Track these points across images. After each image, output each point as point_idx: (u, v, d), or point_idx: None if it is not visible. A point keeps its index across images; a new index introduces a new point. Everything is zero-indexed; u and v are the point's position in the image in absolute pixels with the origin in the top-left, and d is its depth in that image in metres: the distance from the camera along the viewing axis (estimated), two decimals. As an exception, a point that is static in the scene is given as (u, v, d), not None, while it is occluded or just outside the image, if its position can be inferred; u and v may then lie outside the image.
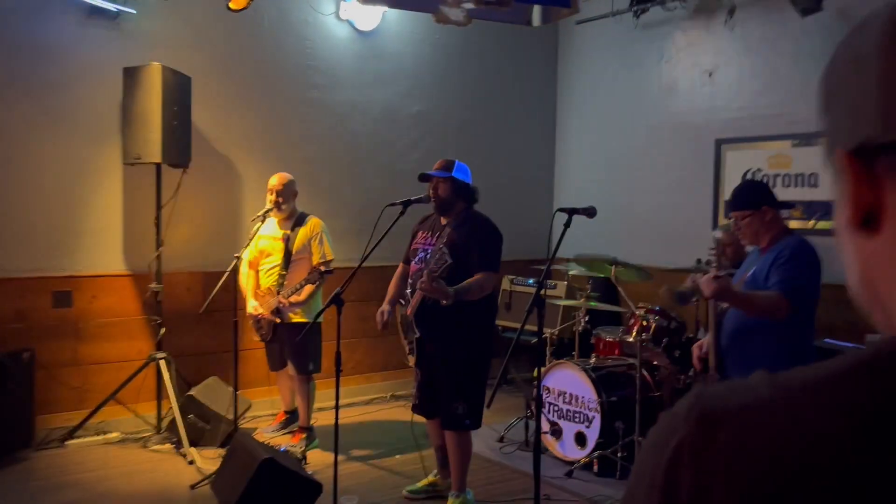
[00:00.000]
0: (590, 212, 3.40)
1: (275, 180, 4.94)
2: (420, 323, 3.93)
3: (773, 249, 3.33)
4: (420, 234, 4.13)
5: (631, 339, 4.83)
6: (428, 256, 3.91)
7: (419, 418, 4.28)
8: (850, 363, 0.54)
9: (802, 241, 3.35)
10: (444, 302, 3.70)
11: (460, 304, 3.75)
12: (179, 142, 5.00)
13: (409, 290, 4.03)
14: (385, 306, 4.14)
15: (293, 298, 4.83)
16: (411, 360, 4.09)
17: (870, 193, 0.57)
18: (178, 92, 4.98)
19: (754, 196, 3.46)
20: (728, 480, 0.53)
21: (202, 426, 4.98)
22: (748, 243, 3.57)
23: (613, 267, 4.89)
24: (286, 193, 4.93)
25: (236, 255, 4.70)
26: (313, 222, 5.00)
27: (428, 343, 3.96)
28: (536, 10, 4.80)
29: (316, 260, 4.92)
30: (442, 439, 4.20)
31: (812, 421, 0.52)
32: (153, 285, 5.13)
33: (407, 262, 4.23)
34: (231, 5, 5.01)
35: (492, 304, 4.03)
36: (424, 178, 4.03)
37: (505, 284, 6.58)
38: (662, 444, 0.57)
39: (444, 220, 4.04)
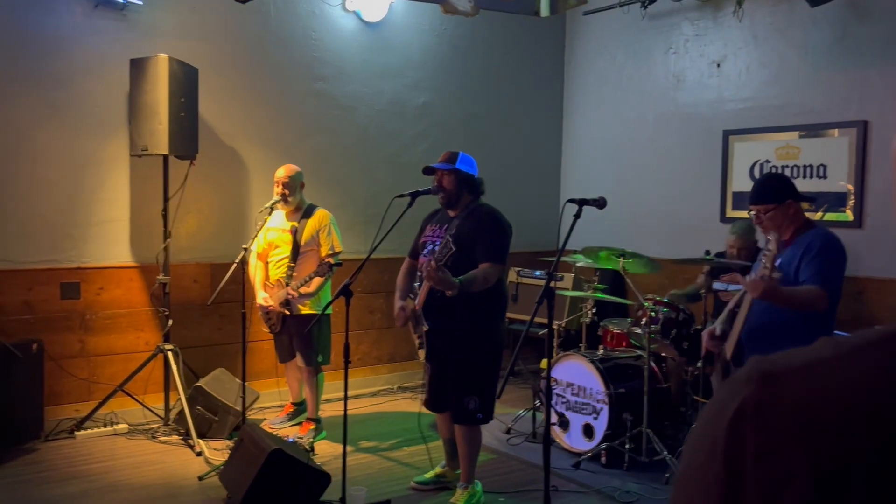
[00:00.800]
0: (600, 202, 3.39)
1: (282, 172, 4.93)
2: (429, 315, 3.91)
3: (799, 241, 3.34)
4: (429, 227, 4.11)
5: (639, 331, 4.83)
6: (436, 248, 3.90)
7: (428, 412, 4.27)
8: None
9: (830, 234, 3.36)
10: (449, 293, 3.68)
11: (469, 297, 3.73)
12: (186, 133, 4.99)
13: (416, 284, 4.01)
14: (400, 302, 4.10)
15: (303, 290, 4.83)
16: (422, 355, 4.06)
17: None
18: (185, 83, 4.98)
19: (778, 189, 3.45)
20: (798, 434, 0.51)
21: (210, 417, 5.00)
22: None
23: (621, 258, 4.88)
24: (293, 185, 4.92)
25: (244, 246, 4.70)
26: (321, 214, 4.99)
27: (437, 336, 3.94)
28: (544, 1, 4.78)
29: (324, 252, 4.92)
30: (451, 433, 4.18)
31: (878, 371, 0.51)
32: (161, 277, 5.14)
33: (413, 256, 4.20)
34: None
35: (502, 297, 3.98)
36: (428, 170, 4.01)
37: (512, 276, 6.57)
38: (723, 407, 0.55)
39: (451, 213, 4.02)
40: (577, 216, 3.24)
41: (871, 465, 0.49)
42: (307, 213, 5.00)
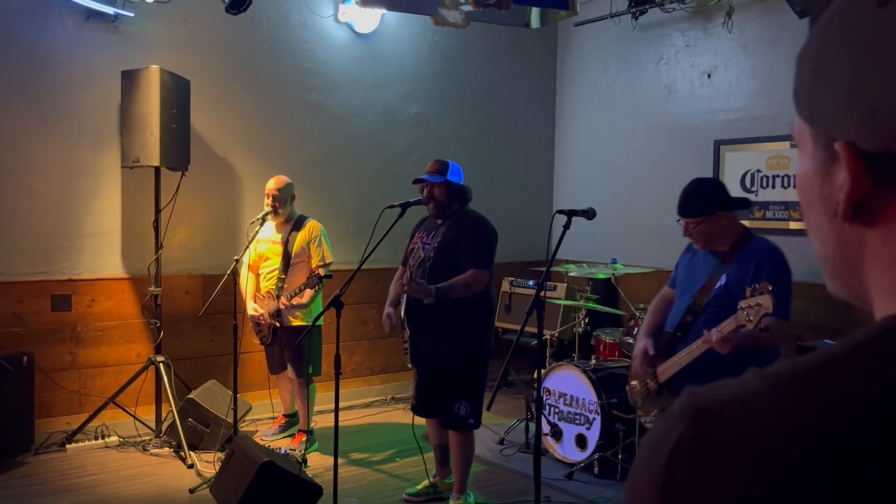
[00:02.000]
0: (589, 213, 3.40)
1: (272, 184, 4.93)
2: (411, 321, 3.94)
3: (743, 257, 3.13)
4: (417, 235, 4.15)
5: (631, 341, 4.83)
6: (423, 253, 3.93)
7: (420, 421, 4.28)
8: (840, 349, 0.55)
9: (775, 250, 3.15)
10: (427, 300, 3.70)
11: (453, 301, 3.76)
12: (178, 145, 4.99)
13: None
14: (388, 309, 4.14)
15: (294, 301, 4.82)
16: (408, 360, 4.10)
17: (866, 185, 0.57)
18: (177, 95, 4.98)
19: (707, 200, 3.21)
20: (722, 471, 0.53)
21: (202, 429, 4.97)
22: (704, 248, 3.29)
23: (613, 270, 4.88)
24: (283, 197, 4.92)
25: (235, 257, 4.69)
26: (312, 225, 4.99)
27: (422, 341, 3.97)
28: (535, 12, 4.80)
29: (315, 263, 4.92)
30: (442, 438, 4.20)
31: (803, 408, 0.53)
32: (152, 288, 5.13)
33: (405, 264, 4.23)
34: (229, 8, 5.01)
35: (487, 302, 4.00)
36: (419, 182, 4.03)
37: (505, 286, 6.58)
38: (660, 444, 0.57)
39: (439, 222, 4.05)
40: (567, 227, 3.25)
41: (793, 494, 0.50)
42: (298, 224, 5.00)
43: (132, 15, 5.19)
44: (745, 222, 5.73)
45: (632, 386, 3.54)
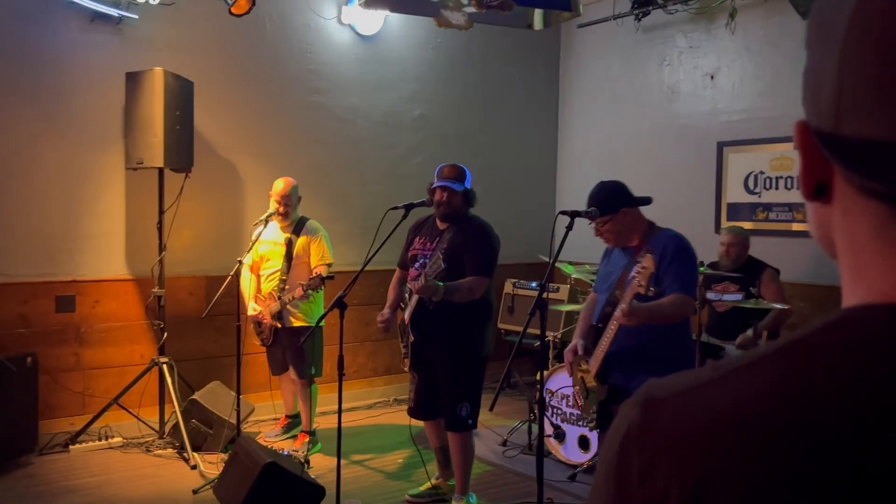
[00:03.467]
0: (592, 215, 3.40)
1: (281, 186, 4.91)
2: (416, 327, 3.96)
3: (650, 247, 3.24)
4: (417, 239, 4.14)
5: (634, 342, 4.82)
6: (427, 262, 3.92)
7: (417, 422, 4.29)
8: (784, 342, 0.57)
9: (678, 236, 3.34)
10: (434, 298, 3.73)
11: (455, 307, 3.78)
12: (182, 146, 5.01)
13: (406, 295, 4.05)
14: (386, 311, 4.16)
15: (286, 297, 4.81)
16: (406, 364, 4.11)
17: (822, 169, 0.59)
18: (181, 96, 4.99)
19: (611, 199, 3.40)
20: (669, 455, 0.55)
21: (205, 431, 4.98)
22: (614, 245, 3.47)
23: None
24: (292, 200, 4.93)
25: (239, 259, 4.70)
26: (313, 226, 5.00)
27: (425, 346, 3.98)
28: (537, 14, 4.80)
29: (314, 263, 4.92)
30: (442, 440, 4.21)
31: (745, 396, 0.55)
32: (156, 290, 5.14)
33: (403, 266, 4.24)
34: (233, 10, 5.03)
35: (487, 306, 4.03)
36: (441, 187, 3.97)
37: (508, 288, 6.58)
38: (615, 433, 0.60)
39: (441, 226, 4.05)
40: (570, 228, 3.25)
41: (733, 479, 0.53)
42: (299, 225, 5.00)
43: (136, 17, 5.20)
44: (750, 224, 5.76)
45: (574, 392, 3.59)
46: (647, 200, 3.56)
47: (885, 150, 0.53)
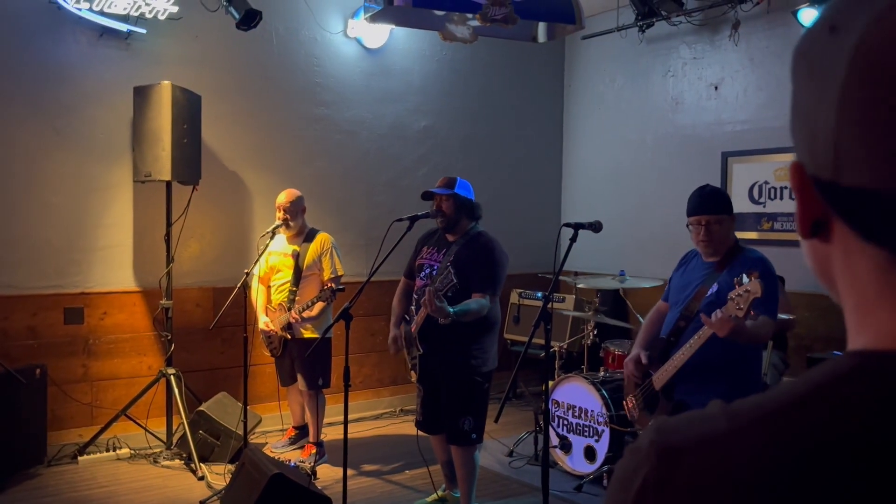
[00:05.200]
0: (595, 226, 3.41)
1: (283, 197, 4.97)
2: (424, 339, 3.96)
3: (734, 266, 3.17)
4: (425, 249, 4.15)
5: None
6: (434, 273, 3.94)
7: (423, 433, 4.29)
8: (801, 390, 0.55)
9: (765, 259, 3.20)
10: (443, 321, 3.73)
11: (461, 323, 3.79)
12: (189, 159, 5.05)
13: (413, 306, 4.05)
14: (393, 331, 4.15)
15: (306, 314, 4.85)
16: (413, 377, 4.11)
17: (819, 208, 0.58)
18: (188, 110, 5.04)
19: (726, 199, 3.31)
20: None
21: (212, 442, 5.00)
22: (707, 253, 3.31)
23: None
24: (294, 210, 4.96)
25: (246, 270, 4.73)
26: (323, 238, 5.03)
27: (432, 359, 3.99)
28: (541, 27, 4.83)
29: (326, 276, 4.95)
30: (447, 454, 4.21)
31: (765, 452, 0.54)
32: (163, 301, 5.17)
33: (409, 276, 4.25)
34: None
35: (493, 321, 4.03)
36: (427, 195, 4.06)
37: (513, 298, 6.60)
38: (628, 480, 0.58)
39: (450, 238, 4.06)
40: (574, 240, 3.27)
41: None
42: (309, 236, 5.03)
43: (144, 32, 5.26)
44: (755, 234, 5.77)
45: (627, 401, 3.57)
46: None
47: (885, 202, 0.52)
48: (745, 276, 2.81)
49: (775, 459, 0.53)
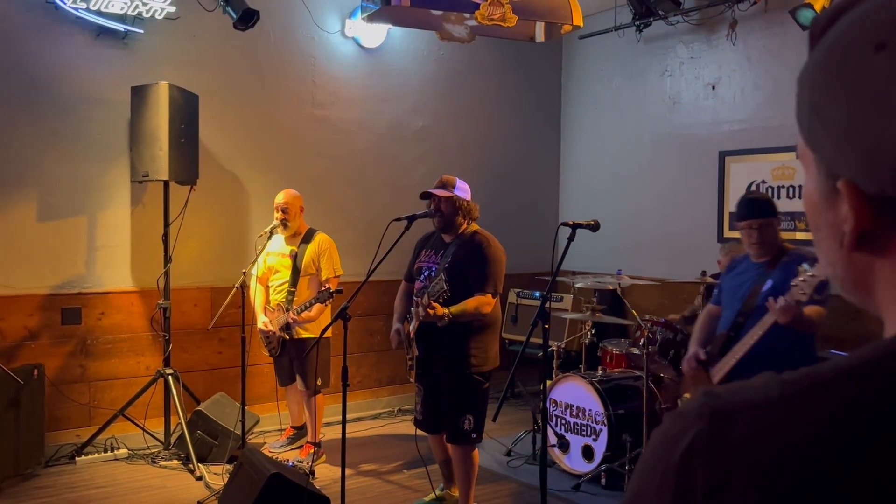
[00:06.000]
0: (593, 226, 3.42)
1: (281, 197, 4.97)
2: (422, 341, 3.96)
3: (786, 264, 3.37)
4: (424, 252, 4.15)
5: (637, 352, 4.84)
6: (433, 274, 3.94)
7: (422, 432, 4.29)
8: (854, 362, 0.56)
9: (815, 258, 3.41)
10: (440, 324, 3.74)
11: (460, 322, 3.79)
12: (187, 159, 5.04)
13: (412, 307, 4.05)
14: (396, 325, 4.16)
15: (304, 315, 4.85)
16: (412, 376, 4.11)
17: (871, 221, 0.58)
18: (186, 110, 5.04)
19: (772, 204, 3.54)
20: (746, 473, 0.54)
21: (210, 442, 5.00)
22: (759, 254, 3.52)
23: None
24: (292, 210, 4.96)
25: (244, 270, 4.73)
26: (321, 238, 5.03)
27: (430, 359, 3.99)
28: (539, 27, 4.84)
29: (325, 276, 4.95)
30: (446, 454, 4.21)
31: (818, 419, 0.54)
32: (161, 301, 5.17)
33: (409, 279, 4.26)
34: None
35: (492, 318, 4.02)
36: (425, 195, 4.06)
37: (511, 297, 6.60)
38: (673, 441, 0.57)
39: (447, 239, 4.06)
40: (571, 239, 3.27)
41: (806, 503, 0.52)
42: (307, 237, 5.03)
43: (142, 31, 5.25)
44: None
45: (684, 399, 3.65)
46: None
47: None
48: (805, 264, 3.01)
49: (828, 425, 0.53)
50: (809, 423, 0.54)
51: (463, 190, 4.04)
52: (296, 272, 4.97)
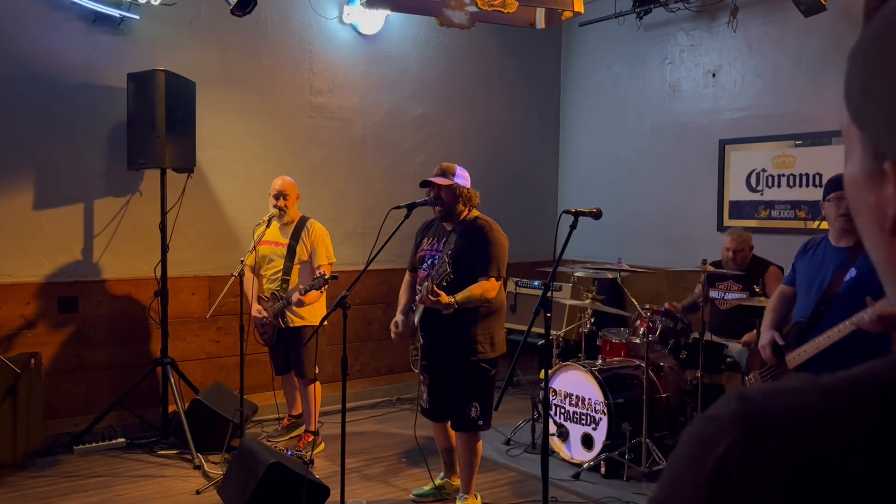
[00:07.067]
0: (595, 214, 3.40)
1: (278, 183, 4.93)
2: (427, 329, 3.94)
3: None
4: (426, 240, 4.13)
5: (637, 341, 4.83)
6: (436, 262, 3.91)
7: (422, 421, 4.28)
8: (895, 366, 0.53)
9: None
10: (445, 312, 3.72)
11: (468, 308, 3.77)
12: (184, 147, 5.00)
13: (417, 297, 4.03)
14: (398, 317, 4.14)
15: (305, 298, 4.80)
16: (416, 365, 4.09)
17: None
18: (183, 97, 4.99)
19: None
20: (780, 489, 0.51)
21: (208, 431, 4.98)
22: (845, 229, 3.35)
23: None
24: (290, 198, 4.93)
25: (242, 259, 4.70)
26: (313, 226, 4.99)
27: (437, 347, 3.97)
28: (539, 13, 4.80)
29: (318, 263, 4.92)
30: (448, 442, 4.20)
31: (863, 427, 0.51)
32: (158, 290, 5.14)
33: (413, 269, 4.23)
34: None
35: (497, 303, 4.00)
36: (426, 183, 4.03)
37: (510, 287, 6.58)
38: (706, 449, 0.55)
39: (448, 226, 4.04)
40: (573, 227, 3.24)
41: None
42: (301, 225, 5.00)
43: (137, 17, 5.20)
44: (753, 222, 5.77)
45: (749, 378, 3.65)
46: None
47: None
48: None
49: (876, 435, 0.50)
50: (851, 434, 0.51)
51: (463, 177, 4.00)
52: (290, 260, 4.94)
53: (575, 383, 4.82)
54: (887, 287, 0.62)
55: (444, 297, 3.64)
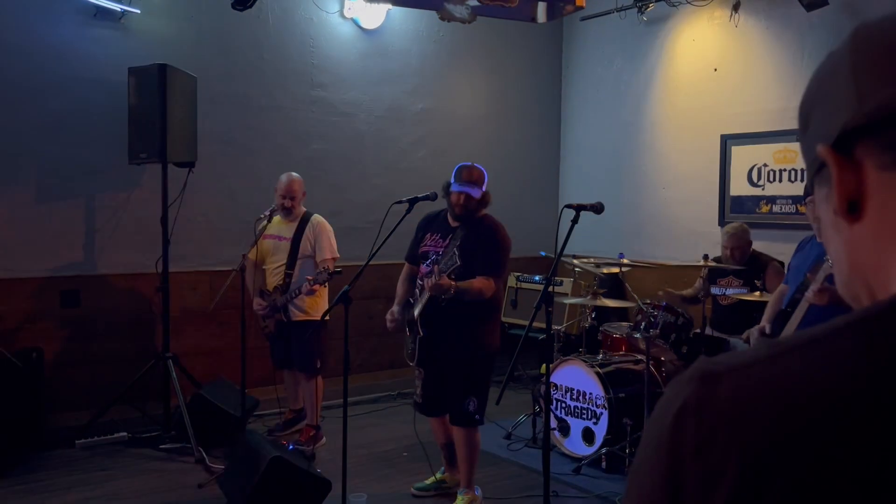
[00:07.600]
0: (597, 208, 3.39)
1: (286, 181, 4.89)
2: (427, 323, 3.94)
3: None
4: (429, 235, 4.12)
5: (638, 335, 4.83)
6: (440, 258, 3.91)
7: (421, 416, 4.29)
8: (842, 322, 0.56)
9: None
10: (444, 297, 3.72)
11: (465, 303, 3.78)
12: (185, 141, 5.00)
13: (417, 291, 4.03)
14: (395, 308, 4.15)
15: (314, 287, 4.79)
16: (412, 359, 4.10)
17: (853, 179, 0.59)
18: (184, 91, 4.99)
19: None
20: (729, 430, 0.54)
21: (210, 425, 4.98)
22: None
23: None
24: (297, 196, 4.92)
25: (243, 253, 4.70)
26: (317, 221, 4.99)
27: (434, 342, 3.98)
28: (541, 7, 4.79)
29: (322, 257, 4.92)
30: (447, 437, 4.21)
31: (806, 372, 0.54)
32: (160, 284, 5.14)
33: (412, 261, 4.23)
34: None
35: (495, 302, 4.03)
36: (460, 191, 3.96)
37: (511, 281, 6.59)
38: (667, 406, 0.59)
39: (454, 222, 4.04)
40: (575, 221, 3.25)
41: (792, 456, 0.52)
42: (304, 220, 4.99)
43: (139, 12, 5.20)
44: (754, 217, 5.76)
45: None
46: None
47: None
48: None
49: (816, 379, 0.54)
50: (792, 379, 0.54)
51: (486, 182, 4.04)
52: (293, 255, 4.94)
53: (576, 378, 4.83)
54: (844, 290, 0.66)
55: (446, 281, 3.66)
